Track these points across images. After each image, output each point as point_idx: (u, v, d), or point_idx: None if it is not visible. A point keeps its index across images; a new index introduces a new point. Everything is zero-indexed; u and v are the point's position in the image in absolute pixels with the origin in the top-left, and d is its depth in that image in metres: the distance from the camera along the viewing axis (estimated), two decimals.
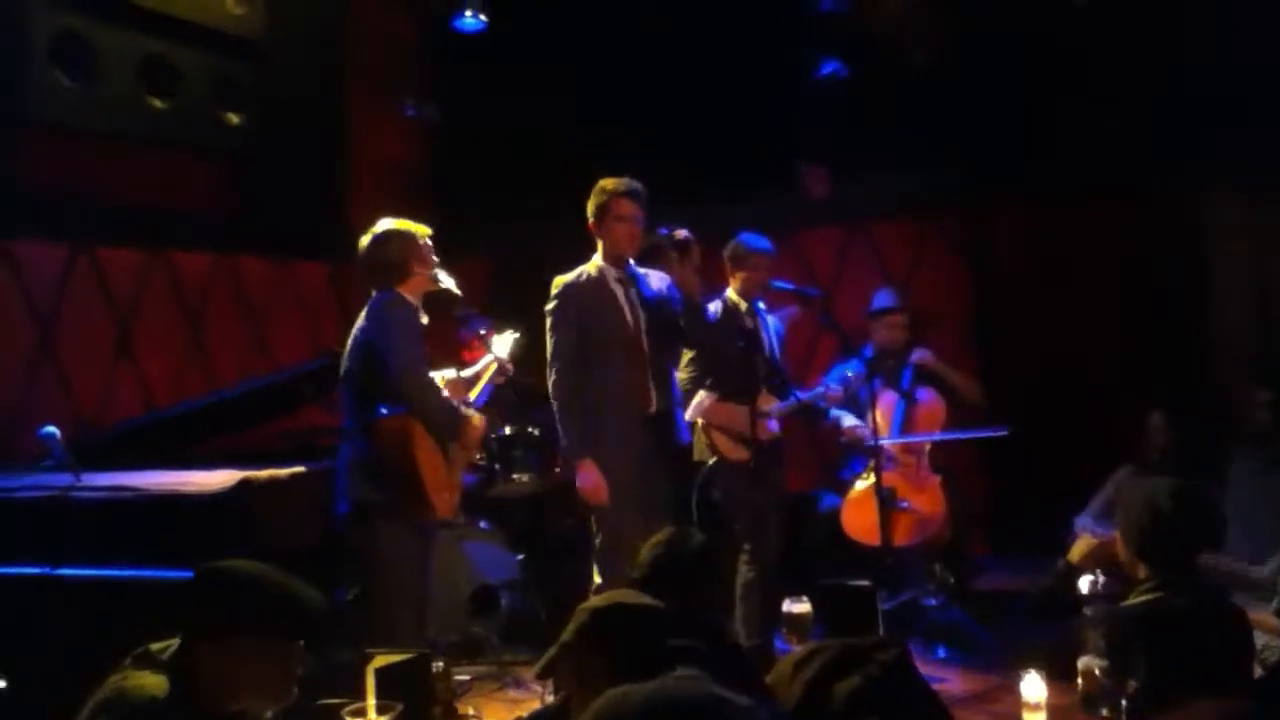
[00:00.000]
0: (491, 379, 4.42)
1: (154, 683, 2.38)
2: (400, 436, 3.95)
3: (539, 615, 5.38)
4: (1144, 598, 3.05)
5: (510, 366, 4.47)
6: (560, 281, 4.57)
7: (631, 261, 4.58)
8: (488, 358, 4.46)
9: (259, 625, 2.44)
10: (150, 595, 3.61)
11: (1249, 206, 5.99)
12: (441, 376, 4.22)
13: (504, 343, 4.53)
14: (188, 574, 2.53)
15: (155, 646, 2.49)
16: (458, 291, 4.23)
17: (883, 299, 5.78)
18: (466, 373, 4.41)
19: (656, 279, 4.66)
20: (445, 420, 4.08)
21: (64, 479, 4.26)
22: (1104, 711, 3.33)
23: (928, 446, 5.38)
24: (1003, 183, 6.51)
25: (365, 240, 4.15)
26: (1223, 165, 5.84)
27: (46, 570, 3.98)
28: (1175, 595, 3.00)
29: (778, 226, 5.70)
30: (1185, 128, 5.84)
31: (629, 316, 4.51)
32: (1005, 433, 5.03)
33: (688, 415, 4.73)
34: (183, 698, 2.37)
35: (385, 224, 4.16)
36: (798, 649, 2.00)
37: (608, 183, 4.53)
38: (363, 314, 4.12)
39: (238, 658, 2.42)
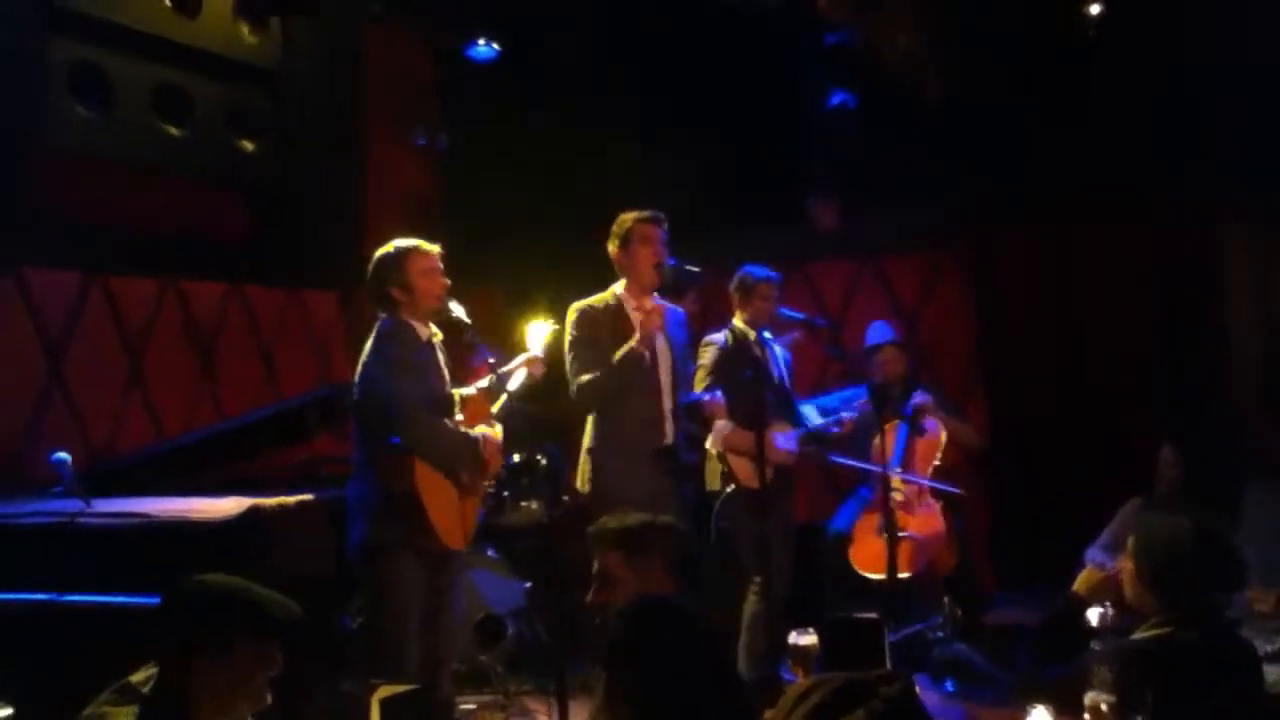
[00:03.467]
0: (525, 378, 4.34)
1: (119, 715, 2.41)
2: (404, 471, 3.94)
3: (545, 644, 5.37)
4: (1153, 632, 3.04)
5: (543, 361, 4.40)
6: (578, 306, 4.61)
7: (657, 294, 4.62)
8: (519, 358, 4.41)
9: (253, 630, 2.49)
10: None
11: (1259, 226, 5.98)
12: (460, 394, 4.21)
13: (537, 335, 4.46)
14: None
15: (135, 678, 2.50)
16: (467, 320, 4.23)
17: (876, 334, 5.80)
18: (487, 381, 4.32)
19: (673, 311, 4.72)
20: (449, 456, 4.05)
21: (73, 505, 4.28)
22: None
23: (929, 475, 5.40)
24: (1012, 212, 6.52)
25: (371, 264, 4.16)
26: (1230, 185, 5.84)
27: (54, 597, 3.99)
28: (1185, 630, 2.98)
29: (787, 257, 5.72)
30: (1192, 148, 5.84)
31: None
32: (959, 492, 5.31)
33: (709, 444, 4.75)
34: None
35: (387, 246, 4.16)
36: (801, 681, 1.99)
37: (631, 213, 4.59)
38: (368, 342, 4.13)
39: (231, 666, 2.46)
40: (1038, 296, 6.62)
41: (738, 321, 5.07)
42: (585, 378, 4.51)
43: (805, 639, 4.10)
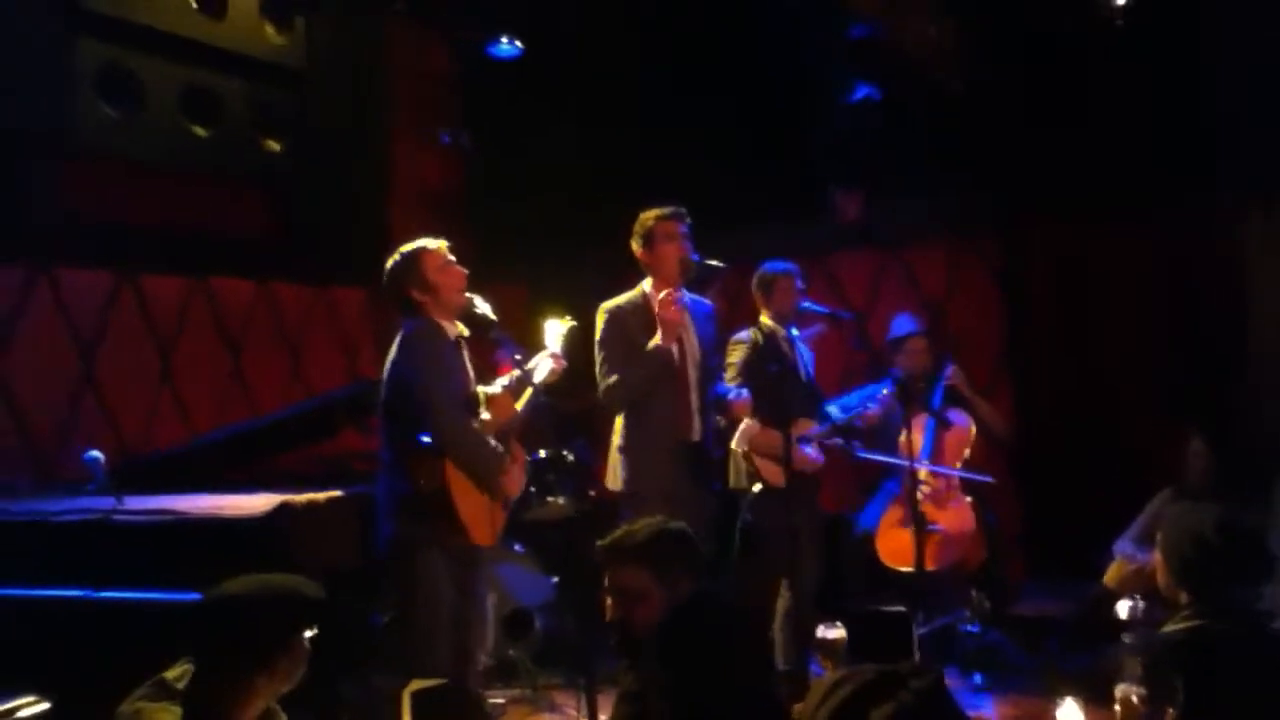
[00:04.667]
0: (546, 376, 4.33)
1: (156, 713, 2.47)
2: (434, 470, 3.96)
3: (574, 638, 5.39)
4: (1184, 625, 3.02)
5: (563, 361, 4.40)
6: (607, 306, 4.62)
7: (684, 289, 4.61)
8: (538, 357, 4.41)
9: (281, 624, 2.58)
10: None
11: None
12: (485, 392, 4.23)
13: (553, 334, 4.46)
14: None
15: (170, 674, 2.56)
16: (493, 316, 4.25)
17: (901, 325, 5.78)
18: (510, 379, 4.33)
19: (700, 304, 4.72)
20: (482, 469, 4.06)
21: (106, 503, 4.33)
22: None
23: (958, 467, 5.38)
24: (1036, 203, 6.49)
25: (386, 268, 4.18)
26: (1254, 178, 5.79)
27: (88, 593, 4.04)
28: (1216, 623, 2.97)
29: (810, 252, 5.71)
30: (1213, 145, 5.80)
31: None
32: (989, 480, 5.30)
33: (734, 444, 4.74)
34: None
35: (394, 254, 4.16)
36: (830, 674, 1.99)
37: (653, 210, 4.59)
38: (395, 343, 4.14)
39: (264, 661, 2.54)
40: (1064, 288, 6.58)
41: (764, 318, 5.06)
42: (612, 379, 4.52)
43: (833, 632, 4.10)
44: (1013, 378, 6.50)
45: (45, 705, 3.61)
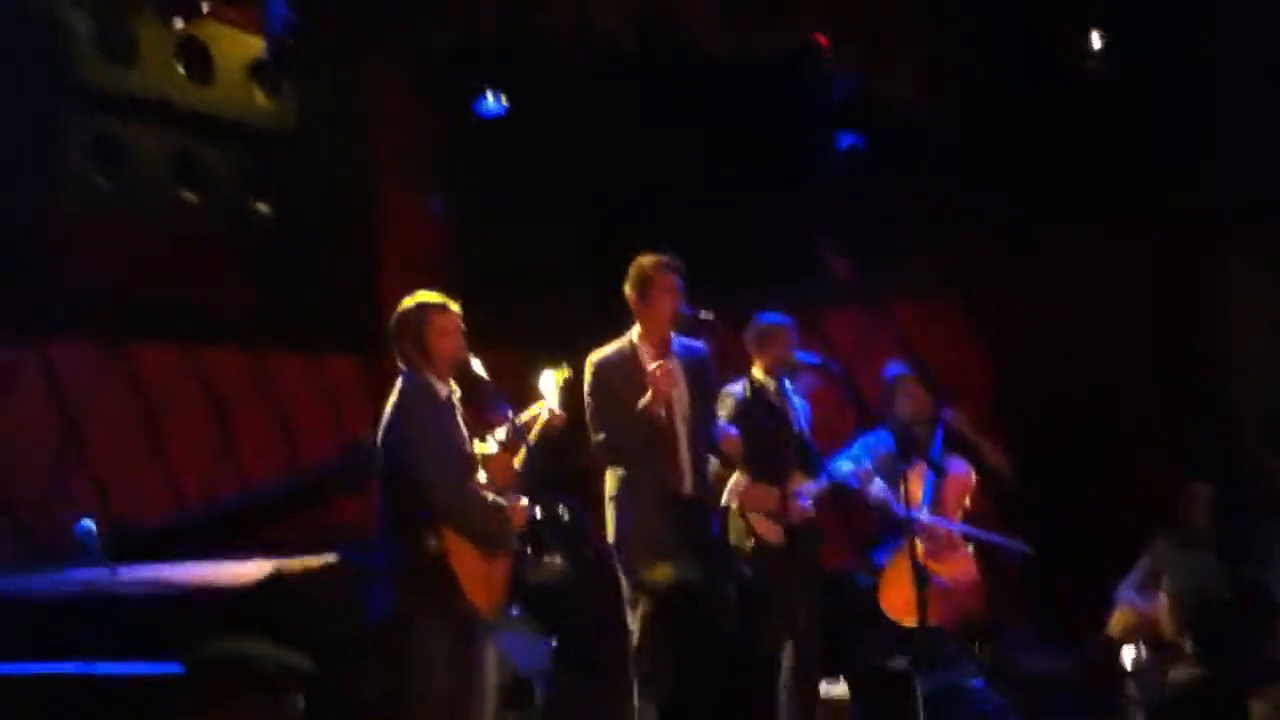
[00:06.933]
0: (543, 429, 4.28)
1: None
2: (432, 536, 3.91)
3: (574, 703, 5.31)
4: (1189, 673, 3.01)
5: (561, 413, 4.32)
6: (594, 360, 4.59)
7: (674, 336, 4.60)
8: (534, 408, 4.37)
9: (264, 687, 2.60)
10: None
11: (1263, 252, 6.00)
12: (483, 448, 4.19)
13: (549, 385, 4.38)
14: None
15: None
16: (485, 376, 4.23)
17: (895, 368, 5.78)
18: (505, 432, 4.25)
19: (693, 348, 4.69)
20: (483, 529, 4.01)
21: (100, 574, 4.29)
22: None
23: (959, 518, 5.35)
24: (1016, 253, 6.53)
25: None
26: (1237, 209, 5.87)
27: (84, 667, 3.97)
28: (1221, 673, 2.95)
29: (800, 307, 5.71)
30: (1195, 173, 5.86)
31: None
32: (1026, 550, 5.16)
33: (724, 500, 4.71)
34: None
35: (407, 300, 4.16)
36: None
37: (650, 258, 4.58)
38: (390, 403, 4.12)
39: None
40: (1051, 336, 6.61)
41: (756, 371, 5.05)
42: (603, 435, 4.50)
43: (836, 689, 4.07)
44: (1007, 428, 6.49)
45: None
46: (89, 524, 4.45)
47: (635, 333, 4.63)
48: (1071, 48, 6.06)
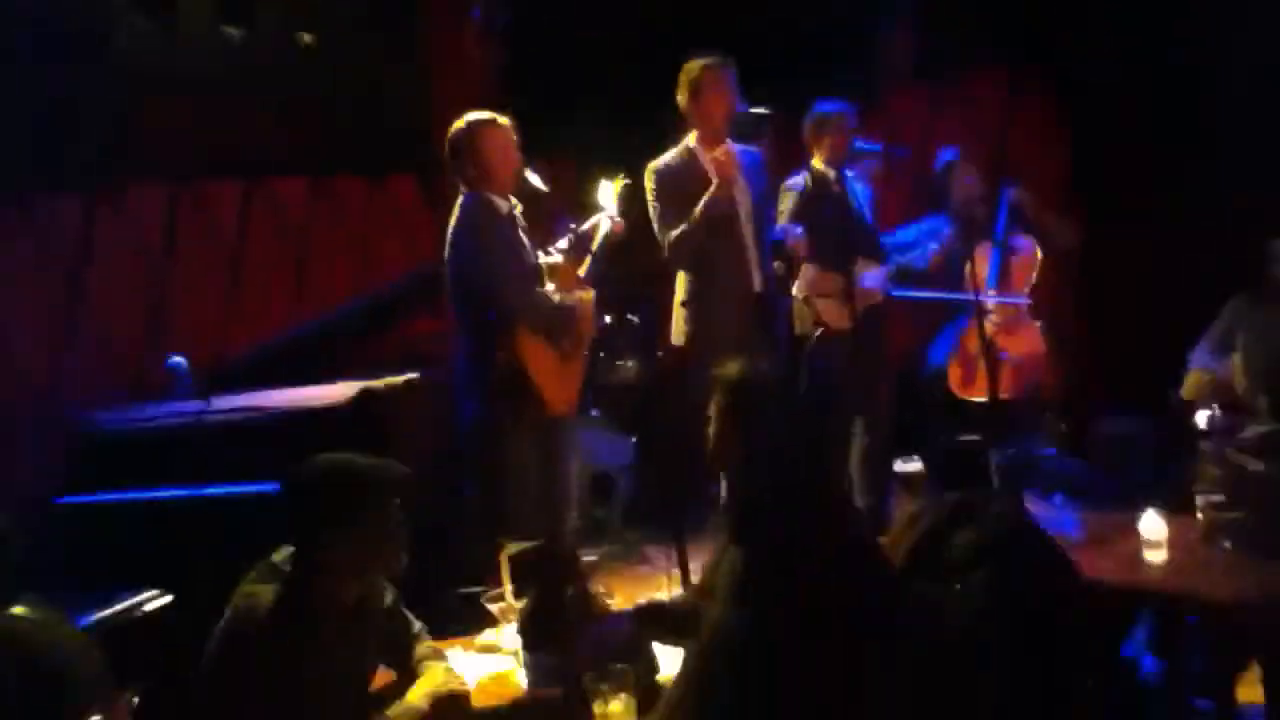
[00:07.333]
0: (604, 238, 4.37)
1: (262, 591, 2.58)
2: (505, 342, 4.03)
3: (657, 495, 5.52)
4: (1261, 429, 3.03)
5: (621, 221, 4.41)
6: (654, 167, 4.59)
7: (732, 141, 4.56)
8: (595, 218, 4.43)
9: (368, 494, 2.63)
10: None
11: None
12: (547, 261, 4.27)
13: (607, 195, 4.45)
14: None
15: (277, 557, 2.67)
16: (545, 188, 4.26)
17: (944, 155, 5.68)
18: (567, 242, 4.36)
19: (749, 154, 4.67)
20: (551, 328, 4.12)
21: (196, 405, 4.49)
22: (1226, 544, 3.33)
23: (1026, 292, 5.35)
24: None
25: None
26: None
27: (192, 491, 4.21)
28: None
29: (861, 92, 5.57)
30: None
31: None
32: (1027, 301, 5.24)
33: (795, 290, 4.75)
34: (292, 602, 2.57)
35: (459, 121, 4.18)
36: (912, 506, 2.05)
37: (699, 60, 4.51)
38: (451, 222, 4.18)
39: (357, 533, 2.60)
40: (1127, 103, 6.37)
41: (816, 163, 5.00)
42: (674, 234, 4.53)
43: (911, 466, 4.18)
44: (1082, 197, 6.34)
45: (167, 598, 3.82)
46: (181, 360, 4.62)
47: (692, 137, 4.61)
48: None
